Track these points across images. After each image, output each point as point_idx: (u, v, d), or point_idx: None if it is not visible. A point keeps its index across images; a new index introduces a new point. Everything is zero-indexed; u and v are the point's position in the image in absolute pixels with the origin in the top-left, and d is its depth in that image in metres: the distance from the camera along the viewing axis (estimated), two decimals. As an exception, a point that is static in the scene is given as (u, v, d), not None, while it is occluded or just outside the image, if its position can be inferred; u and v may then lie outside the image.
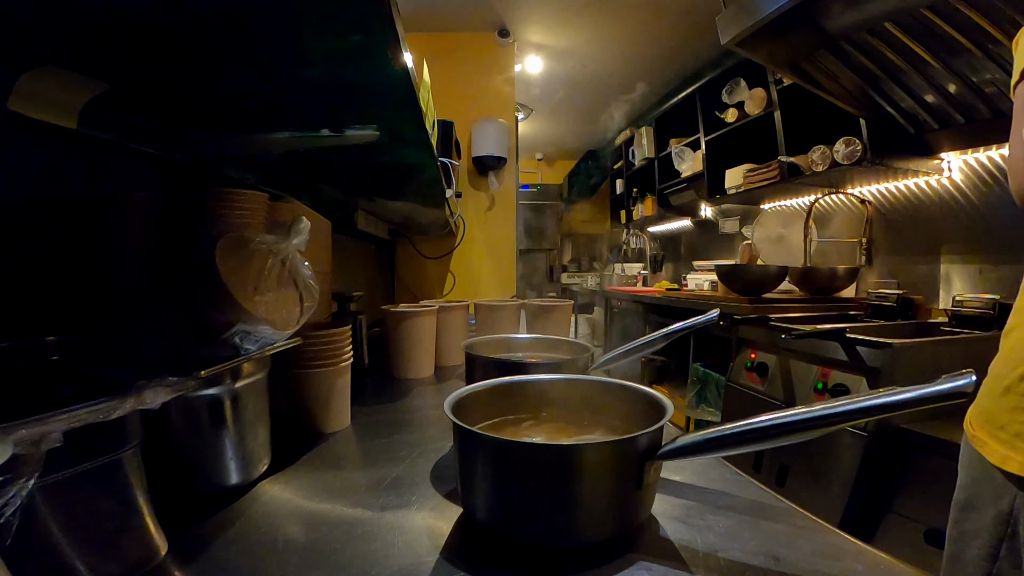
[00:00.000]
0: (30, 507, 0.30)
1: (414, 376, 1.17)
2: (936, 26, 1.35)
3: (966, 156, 1.79)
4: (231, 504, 0.53)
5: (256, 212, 0.62)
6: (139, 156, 0.67)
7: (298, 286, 0.58)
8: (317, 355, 0.73)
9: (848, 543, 0.46)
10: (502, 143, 2.44)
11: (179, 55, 0.49)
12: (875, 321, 1.85)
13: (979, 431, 0.71)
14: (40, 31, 0.42)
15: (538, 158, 5.38)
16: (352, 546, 0.45)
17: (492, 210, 2.57)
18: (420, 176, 1.08)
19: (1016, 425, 0.65)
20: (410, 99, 0.62)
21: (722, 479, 0.60)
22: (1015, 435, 0.65)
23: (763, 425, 0.42)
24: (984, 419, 0.71)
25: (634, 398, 0.57)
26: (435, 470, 0.63)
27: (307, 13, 0.41)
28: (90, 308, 0.56)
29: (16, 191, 0.54)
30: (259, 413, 0.59)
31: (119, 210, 0.57)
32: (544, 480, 0.43)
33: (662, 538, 0.47)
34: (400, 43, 0.47)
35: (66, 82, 0.51)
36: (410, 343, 1.16)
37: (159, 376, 0.39)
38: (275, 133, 0.75)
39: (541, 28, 2.61)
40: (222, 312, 0.49)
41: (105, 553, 0.38)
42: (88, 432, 0.33)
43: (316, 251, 0.86)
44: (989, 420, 0.69)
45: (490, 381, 0.60)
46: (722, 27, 1.53)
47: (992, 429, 0.68)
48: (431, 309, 1.20)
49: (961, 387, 0.37)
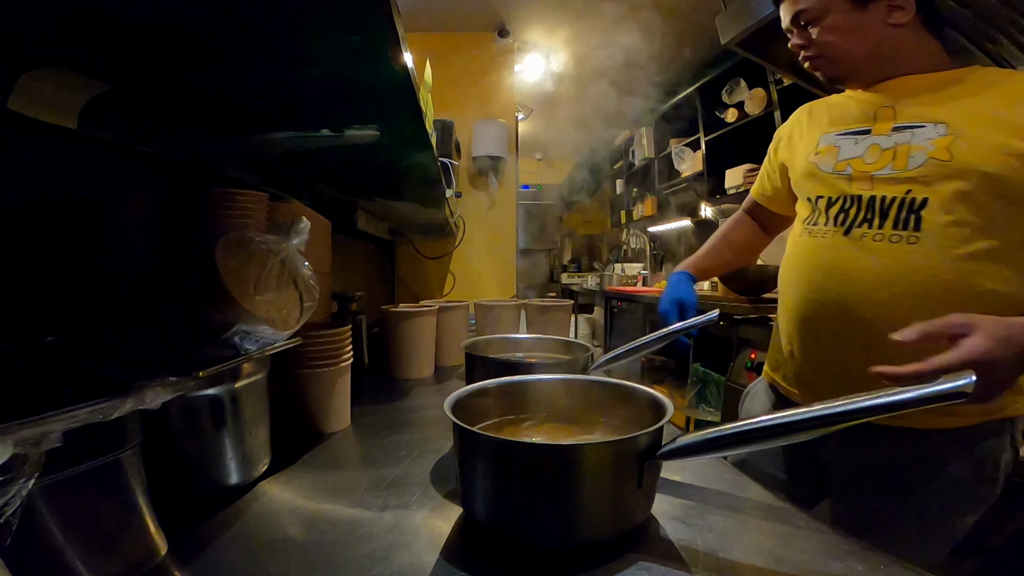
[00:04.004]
0: (30, 507, 0.30)
1: (414, 376, 1.17)
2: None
3: (966, 156, 1.79)
4: (231, 504, 0.53)
5: (256, 212, 0.62)
6: (139, 156, 0.67)
7: (298, 286, 0.58)
8: (317, 355, 0.73)
9: (848, 543, 0.46)
10: (502, 143, 2.43)
11: (179, 55, 0.49)
12: (875, 321, 1.85)
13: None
14: (40, 31, 0.42)
15: (538, 158, 5.37)
16: (352, 546, 0.45)
17: (492, 210, 2.56)
18: (420, 176, 1.08)
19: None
20: (410, 99, 0.62)
21: (722, 479, 0.60)
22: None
23: (763, 425, 0.42)
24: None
25: (634, 398, 0.57)
26: (435, 470, 0.63)
27: (307, 13, 0.41)
28: (90, 308, 0.56)
29: (16, 191, 0.54)
30: (259, 413, 0.59)
31: (119, 210, 0.57)
32: (544, 480, 0.43)
33: (662, 538, 0.47)
34: (400, 43, 0.47)
35: (66, 82, 0.51)
36: (410, 343, 1.16)
37: (159, 376, 0.39)
38: (275, 133, 0.75)
39: (541, 28, 2.61)
40: (222, 312, 0.49)
41: (105, 553, 0.38)
42: (88, 432, 0.33)
43: (316, 251, 0.86)
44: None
45: (490, 381, 0.60)
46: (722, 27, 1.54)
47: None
48: (431, 309, 1.20)
49: (961, 387, 0.37)
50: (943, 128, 0.76)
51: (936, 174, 0.74)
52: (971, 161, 0.73)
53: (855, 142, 0.84)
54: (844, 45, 0.84)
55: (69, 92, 0.53)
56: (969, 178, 0.73)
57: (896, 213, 0.76)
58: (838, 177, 0.83)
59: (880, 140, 0.81)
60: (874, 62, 0.84)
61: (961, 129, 0.75)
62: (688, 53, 2.88)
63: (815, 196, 0.86)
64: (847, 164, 0.83)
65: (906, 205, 0.75)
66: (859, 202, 0.80)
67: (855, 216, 0.80)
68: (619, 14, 2.48)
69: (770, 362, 0.98)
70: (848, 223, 0.80)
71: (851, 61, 0.85)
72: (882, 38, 0.82)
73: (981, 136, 0.74)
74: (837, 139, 0.87)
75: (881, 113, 0.83)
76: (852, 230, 0.79)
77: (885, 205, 0.77)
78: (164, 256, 0.55)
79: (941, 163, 0.74)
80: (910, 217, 0.75)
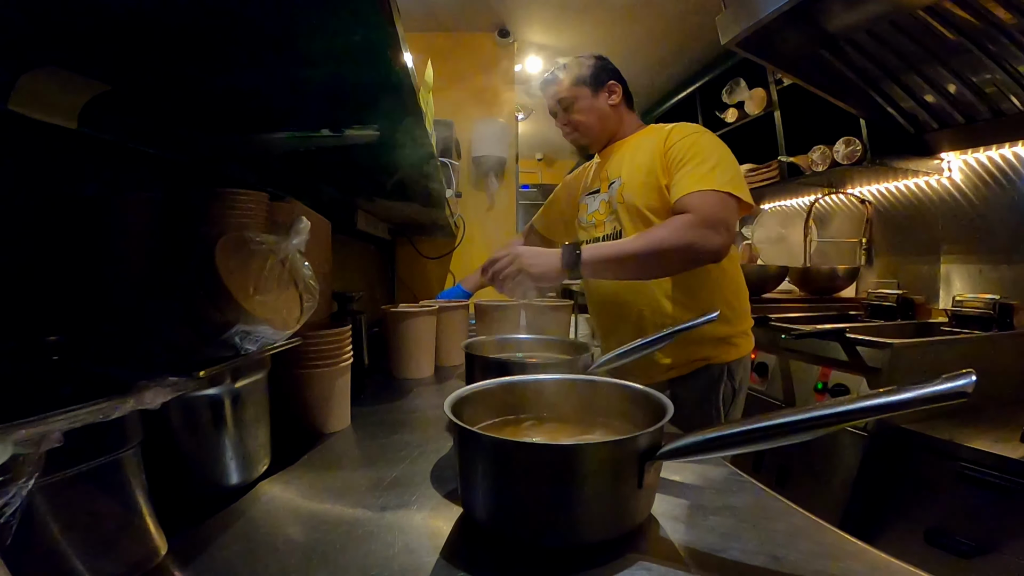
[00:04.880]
0: (30, 507, 0.30)
1: (415, 376, 1.17)
2: (935, 26, 1.35)
3: (966, 156, 1.79)
4: (231, 504, 0.53)
5: (256, 212, 0.62)
6: (139, 156, 0.67)
7: (298, 286, 0.58)
8: (317, 355, 0.73)
9: (848, 543, 0.46)
10: (502, 143, 2.43)
11: (179, 55, 0.49)
12: (875, 321, 1.85)
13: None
14: (40, 31, 0.42)
15: (538, 158, 5.36)
16: (352, 546, 0.45)
17: (492, 210, 2.56)
18: (420, 176, 1.08)
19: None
20: (410, 99, 0.62)
21: (722, 479, 0.60)
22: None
23: (763, 425, 0.42)
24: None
25: (634, 398, 0.57)
26: (435, 470, 0.63)
27: (308, 13, 0.41)
28: (91, 308, 0.56)
29: (16, 191, 0.54)
30: (259, 413, 0.59)
31: (119, 210, 0.57)
32: (544, 480, 0.43)
33: (662, 538, 0.47)
34: (400, 43, 0.47)
35: (66, 82, 0.51)
36: (411, 343, 1.16)
37: (159, 376, 0.39)
38: (275, 133, 0.75)
39: (541, 28, 2.61)
40: (222, 312, 0.49)
41: (105, 553, 0.38)
42: (88, 432, 0.33)
43: (316, 251, 0.86)
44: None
45: (490, 381, 0.60)
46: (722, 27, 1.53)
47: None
48: (431, 309, 1.20)
49: (961, 387, 0.37)
50: (619, 180, 1.20)
51: (622, 213, 1.18)
52: (633, 201, 1.16)
53: (594, 199, 1.30)
54: (590, 121, 1.27)
55: (69, 92, 0.53)
56: (633, 212, 1.16)
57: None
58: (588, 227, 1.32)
59: (604, 196, 1.26)
60: (605, 131, 1.29)
61: (626, 179, 1.18)
62: (688, 53, 2.88)
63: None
64: (592, 216, 1.29)
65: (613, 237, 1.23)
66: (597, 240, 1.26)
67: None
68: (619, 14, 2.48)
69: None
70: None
71: (595, 132, 1.29)
72: (611, 113, 1.27)
73: (636, 181, 1.16)
74: (585, 198, 1.34)
75: (601, 174, 1.28)
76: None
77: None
78: (164, 256, 0.55)
79: (621, 204, 1.18)
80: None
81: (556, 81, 1.27)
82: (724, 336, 1.18)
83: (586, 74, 1.24)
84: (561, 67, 1.27)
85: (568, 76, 1.25)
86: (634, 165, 1.18)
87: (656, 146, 1.14)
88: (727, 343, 1.19)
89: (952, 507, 1.13)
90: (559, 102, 1.28)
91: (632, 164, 1.19)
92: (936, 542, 1.11)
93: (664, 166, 1.12)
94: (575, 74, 1.24)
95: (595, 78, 1.25)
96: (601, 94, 1.25)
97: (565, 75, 1.26)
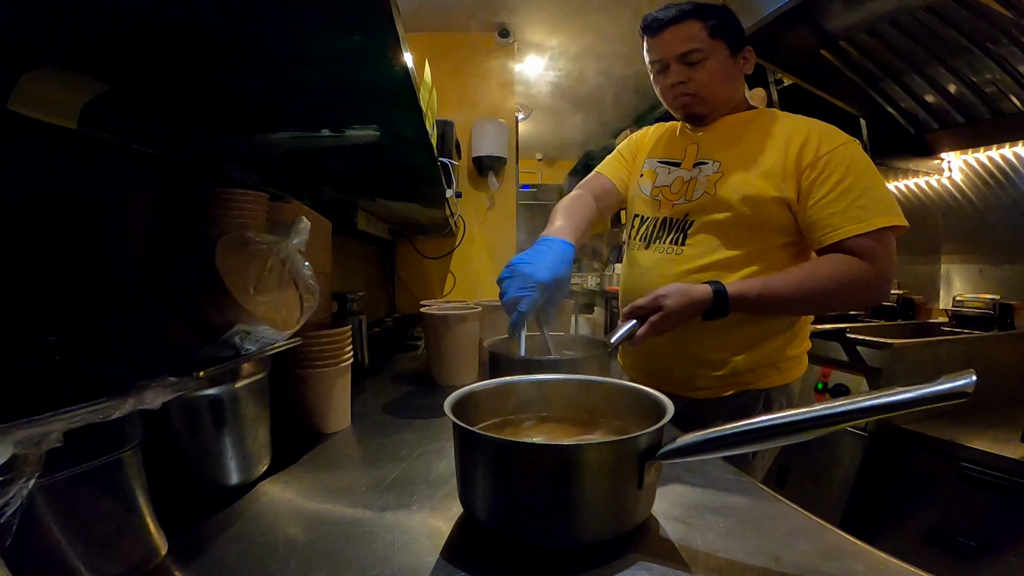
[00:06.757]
0: (30, 507, 0.30)
1: (460, 383, 1.05)
2: (936, 26, 1.35)
3: (966, 156, 1.79)
4: (231, 504, 0.53)
5: (256, 212, 0.62)
6: (139, 156, 0.67)
7: (298, 286, 0.58)
8: (317, 355, 0.73)
9: (848, 543, 0.46)
10: (502, 143, 2.43)
11: (180, 55, 0.49)
12: (875, 321, 1.85)
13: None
14: (40, 31, 0.42)
15: (538, 158, 5.37)
16: (352, 546, 0.45)
17: (492, 210, 2.56)
18: (420, 176, 1.08)
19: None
20: (410, 99, 0.62)
21: (722, 479, 0.60)
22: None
23: (763, 425, 0.42)
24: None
25: (634, 398, 0.57)
26: (435, 470, 0.63)
27: (308, 13, 0.41)
28: (90, 308, 0.56)
29: (16, 191, 0.54)
30: (259, 413, 0.59)
31: (119, 210, 0.57)
32: (544, 480, 0.43)
33: (662, 538, 0.47)
34: (400, 43, 0.47)
35: (66, 82, 0.51)
36: (459, 349, 1.06)
37: (159, 376, 0.39)
38: (275, 133, 0.75)
39: (541, 28, 2.61)
40: (222, 312, 0.49)
41: (105, 553, 0.38)
42: (88, 432, 0.33)
43: (316, 251, 0.86)
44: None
45: (490, 381, 0.61)
46: (722, 27, 1.53)
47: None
48: (475, 311, 1.09)
49: (961, 387, 0.37)
50: (714, 165, 0.95)
51: (706, 208, 0.94)
52: (729, 200, 0.91)
53: (668, 171, 1.03)
54: (718, 87, 0.96)
55: (69, 92, 0.53)
56: (724, 213, 0.91)
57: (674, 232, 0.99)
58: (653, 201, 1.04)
59: (684, 174, 1.00)
60: (727, 104, 0.99)
61: (728, 170, 0.93)
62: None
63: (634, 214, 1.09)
64: (660, 191, 1.03)
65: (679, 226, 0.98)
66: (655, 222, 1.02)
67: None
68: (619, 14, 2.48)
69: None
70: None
71: (717, 102, 0.98)
72: (739, 84, 1.00)
73: (742, 180, 0.90)
74: (656, 165, 1.07)
75: (689, 147, 1.02)
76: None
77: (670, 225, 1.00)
78: (164, 256, 0.55)
79: (710, 197, 0.93)
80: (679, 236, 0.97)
81: (685, 24, 0.92)
82: (773, 361, 0.94)
83: (727, 28, 0.94)
84: (690, 6, 0.93)
85: (705, 23, 0.92)
86: (744, 157, 0.91)
87: (784, 146, 0.88)
88: (772, 367, 0.94)
89: (952, 507, 1.13)
90: (686, 54, 0.92)
91: (741, 154, 0.92)
92: (936, 542, 1.11)
93: (797, 179, 0.86)
94: (714, 23, 0.92)
95: (736, 35, 0.95)
96: (739, 57, 0.96)
97: (698, 20, 0.92)
